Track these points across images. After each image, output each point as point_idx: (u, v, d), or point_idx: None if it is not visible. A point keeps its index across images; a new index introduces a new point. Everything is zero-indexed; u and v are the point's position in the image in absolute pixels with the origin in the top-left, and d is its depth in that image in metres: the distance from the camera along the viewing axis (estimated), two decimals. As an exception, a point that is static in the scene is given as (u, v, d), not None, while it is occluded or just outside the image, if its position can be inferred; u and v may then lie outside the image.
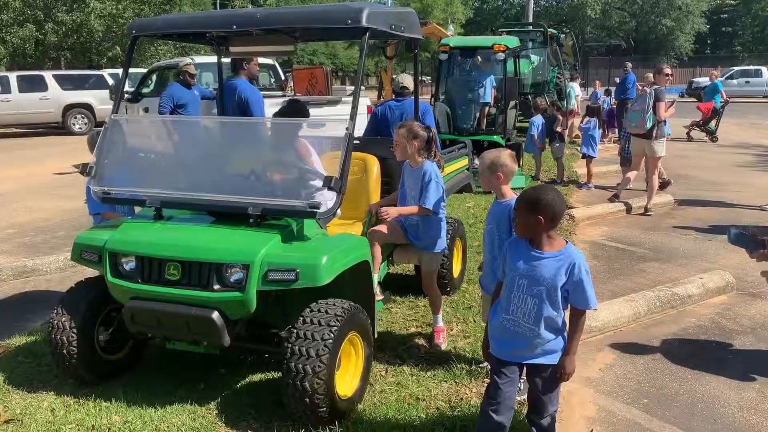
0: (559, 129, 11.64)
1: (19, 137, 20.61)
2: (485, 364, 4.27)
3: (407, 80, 6.49)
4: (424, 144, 4.44)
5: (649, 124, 8.63)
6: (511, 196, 3.90)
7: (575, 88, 17.21)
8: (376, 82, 33.79)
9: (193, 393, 3.98)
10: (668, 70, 8.95)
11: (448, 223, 5.61)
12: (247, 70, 7.06)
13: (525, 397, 3.92)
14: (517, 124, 13.25)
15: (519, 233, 3.00)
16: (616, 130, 16.03)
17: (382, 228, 4.56)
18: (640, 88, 9.94)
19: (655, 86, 8.74)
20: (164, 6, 29.40)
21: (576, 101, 17.54)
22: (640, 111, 8.71)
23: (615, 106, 16.56)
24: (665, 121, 8.84)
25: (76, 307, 3.94)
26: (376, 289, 4.36)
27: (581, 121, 11.99)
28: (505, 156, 3.91)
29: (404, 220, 4.63)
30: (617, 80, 17.34)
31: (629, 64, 16.99)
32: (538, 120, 11.43)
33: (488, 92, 11.92)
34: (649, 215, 9.00)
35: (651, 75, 9.05)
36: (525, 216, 2.89)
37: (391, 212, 4.38)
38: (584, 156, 11.28)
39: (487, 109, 11.82)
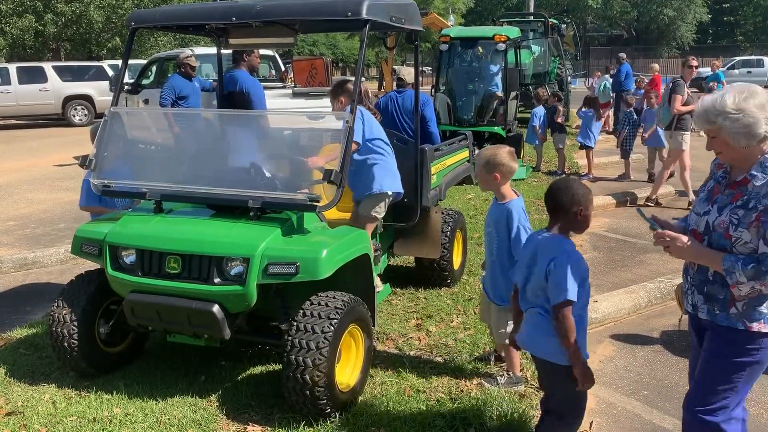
0: (559, 120, 11.60)
1: (19, 129, 20.59)
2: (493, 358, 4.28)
3: (404, 72, 6.51)
4: (350, 98, 4.25)
5: (668, 117, 8.54)
6: (511, 197, 3.74)
7: (608, 81, 16.80)
8: (376, 73, 33.74)
9: (193, 385, 3.99)
10: (694, 62, 8.81)
11: (448, 214, 5.62)
12: (248, 61, 7.03)
13: (522, 388, 3.94)
14: (518, 115, 13.22)
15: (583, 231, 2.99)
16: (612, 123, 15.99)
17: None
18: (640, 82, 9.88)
19: (674, 78, 8.66)
20: (164, -4, 29.27)
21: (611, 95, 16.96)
22: (665, 105, 8.65)
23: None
24: (690, 114, 8.66)
25: (76, 300, 3.94)
26: (376, 280, 4.36)
27: (579, 109, 11.94)
28: (503, 154, 3.67)
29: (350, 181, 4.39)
30: (608, 75, 17.12)
31: (623, 55, 16.79)
32: (540, 111, 11.42)
33: (500, 82, 11.93)
34: (649, 206, 8.99)
35: (655, 65, 8.98)
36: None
37: (315, 161, 4.12)
38: (582, 146, 11.27)
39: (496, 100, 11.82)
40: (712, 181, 2.72)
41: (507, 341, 3.80)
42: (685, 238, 2.61)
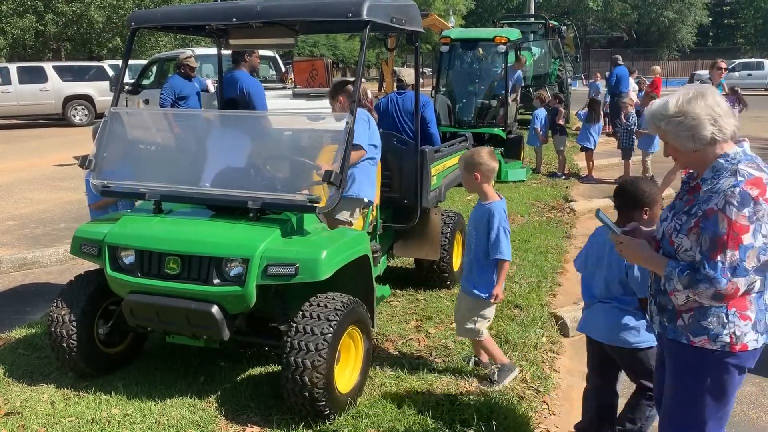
0: (560, 121, 11.60)
1: (19, 128, 20.59)
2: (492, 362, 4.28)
3: (404, 73, 6.52)
4: (349, 98, 4.39)
5: None
6: (494, 198, 3.86)
7: (632, 83, 16.70)
8: (377, 74, 33.74)
9: (192, 386, 3.98)
10: (723, 64, 8.72)
11: (448, 216, 5.62)
12: (249, 62, 7.03)
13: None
14: (518, 117, 13.23)
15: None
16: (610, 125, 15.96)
17: None
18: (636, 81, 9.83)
19: (702, 79, 8.60)
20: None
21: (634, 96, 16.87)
22: None
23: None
24: None
25: (75, 300, 3.94)
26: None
27: (580, 109, 11.95)
28: (482, 154, 3.81)
29: None
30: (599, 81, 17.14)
31: (617, 57, 16.72)
32: (542, 113, 11.43)
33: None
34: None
35: (656, 67, 8.97)
36: None
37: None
38: (583, 148, 11.27)
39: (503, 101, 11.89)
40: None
41: (482, 337, 3.95)
42: (637, 242, 2.52)
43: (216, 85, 9.88)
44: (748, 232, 2.19)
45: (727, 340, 2.33)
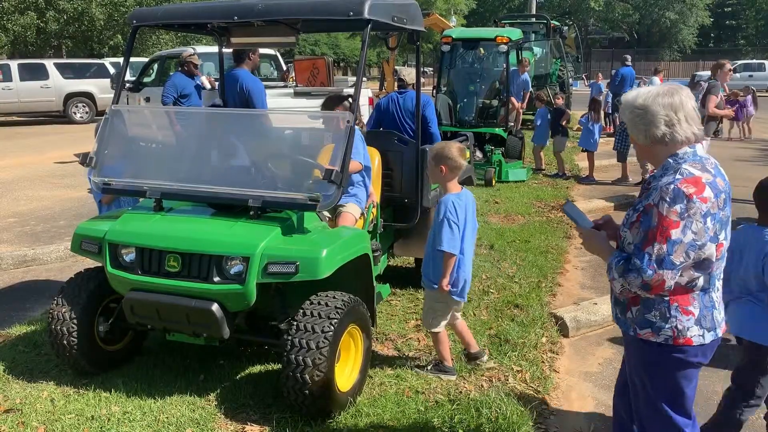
0: (564, 123, 11.61)
1: (20, 125, 20.60)
2: (485, 358, 4.28)
3: (405, 73, 6.51)
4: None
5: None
6: (451, 191, 3.88)
7: (656, 82, 16.75)
8: (378, 73, 33.73)
9: (192, 384, 3.99)
10: (729, 66, 8.70)
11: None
12: (252, 60, 7.03)
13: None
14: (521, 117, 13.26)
15: None
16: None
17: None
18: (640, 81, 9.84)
19: (711, 80, 8.57)
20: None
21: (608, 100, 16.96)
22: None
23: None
24: (718, 119, 8.49)
25: (76, 298, 3.94)
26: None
27: (582, 116, 11.97)
28: (452, 149, 3.84)
29: None
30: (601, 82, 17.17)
31: (628, 57, 16.74)
32: (545, 111, 11.56)
33: (516, 91, 12.05)
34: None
35: (658, 67, 8.93)
36: None
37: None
38: (584, 150, 11.28)
39: (513, 104, 11.93)
40: None
41: (435, 330, 4.01)
42: (597, 235, 2.63)
43: (212, 81, 9.90)
44: (677, 227, 2.29)
45: (670, 333, 2.43)
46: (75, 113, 20.83)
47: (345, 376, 3.71)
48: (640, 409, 2.65)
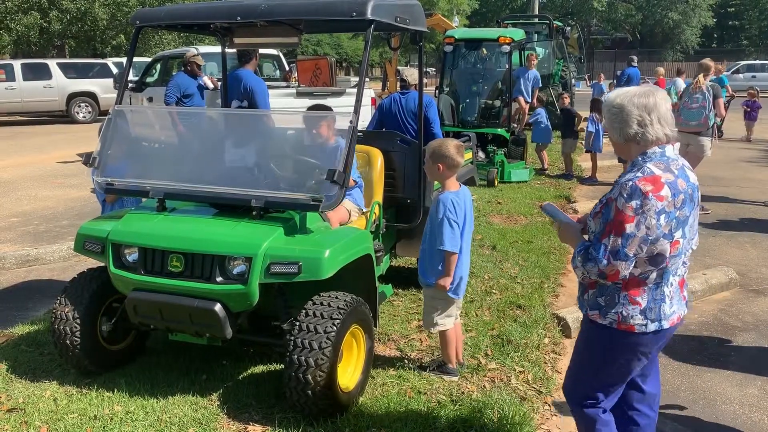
0: (579, 129, 11.61)
1: (23, 125, 20.64)
2: (454, 378, 4.27)
3: (408, 73, 6.52)
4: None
5: (711, 122, 8.38)
6: (449, 188, 3.87)
7: (678, 84, 16.52)
8: (380, 74, 33.74)
9: (195, 384, 3.99)
10: (710, 63, 8.76)
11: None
12: (256, 60, 7.05)
13: None
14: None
15: None
16: None
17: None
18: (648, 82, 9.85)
19: (712, 83, 8.60)
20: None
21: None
22: (699, 109, 8.37)
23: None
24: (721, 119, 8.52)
25: (79, 298, 3.95)
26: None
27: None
28: (450, 146, 3.83)
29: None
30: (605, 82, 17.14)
31: (634, 58, 16.68)
32: (543, 111, 11.62)
33: (525, 87, 12.00)
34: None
35: (660, 69, 8.95)
36: None
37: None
38: (588, 150, 11.27)
39: (521, 104, 11.90)
40: None
41: (443, 329, 3.99)
42: (570, 227, 2.78)
43: (214, 82, 9.91)
44: (632, 222, 2.42)
45: (614, 318, 2.61)
46: (78, 113, 20.86)
47: (347, 377, 3.71)
48: (570, 369, 2.91)
